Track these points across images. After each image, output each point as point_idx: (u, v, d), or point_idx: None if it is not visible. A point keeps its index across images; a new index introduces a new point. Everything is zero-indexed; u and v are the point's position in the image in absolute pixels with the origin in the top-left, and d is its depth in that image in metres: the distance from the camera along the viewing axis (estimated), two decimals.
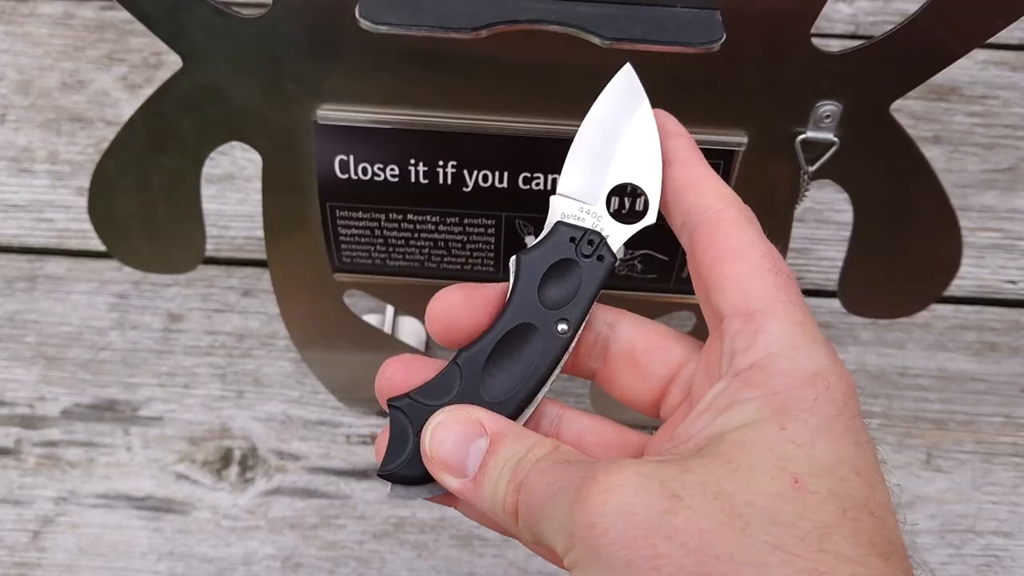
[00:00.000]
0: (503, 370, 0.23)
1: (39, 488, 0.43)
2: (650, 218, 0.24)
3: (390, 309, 0.46)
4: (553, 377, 0.23)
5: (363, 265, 0.36)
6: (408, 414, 0.23)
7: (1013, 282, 0.49)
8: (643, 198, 0.24)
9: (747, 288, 0.21)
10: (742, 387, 0.20)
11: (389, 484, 0.23)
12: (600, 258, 0.24)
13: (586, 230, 0.24)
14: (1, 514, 0.43)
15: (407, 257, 0.36)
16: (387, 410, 0.23)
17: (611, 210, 0.24)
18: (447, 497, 0.23)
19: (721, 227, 0.22)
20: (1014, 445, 0.45)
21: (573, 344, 0.23)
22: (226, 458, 0.44)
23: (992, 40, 0.56)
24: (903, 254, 0.35)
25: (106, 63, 0.53)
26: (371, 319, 0.45)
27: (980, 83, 0.54)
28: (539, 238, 0.24)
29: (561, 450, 0.21)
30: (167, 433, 0.44)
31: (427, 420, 0.22)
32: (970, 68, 0.54)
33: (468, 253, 0.36)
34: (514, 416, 0.23)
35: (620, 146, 0.25)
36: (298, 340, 0.41)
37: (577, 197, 0.24)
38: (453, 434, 0.22)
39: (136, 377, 0.46)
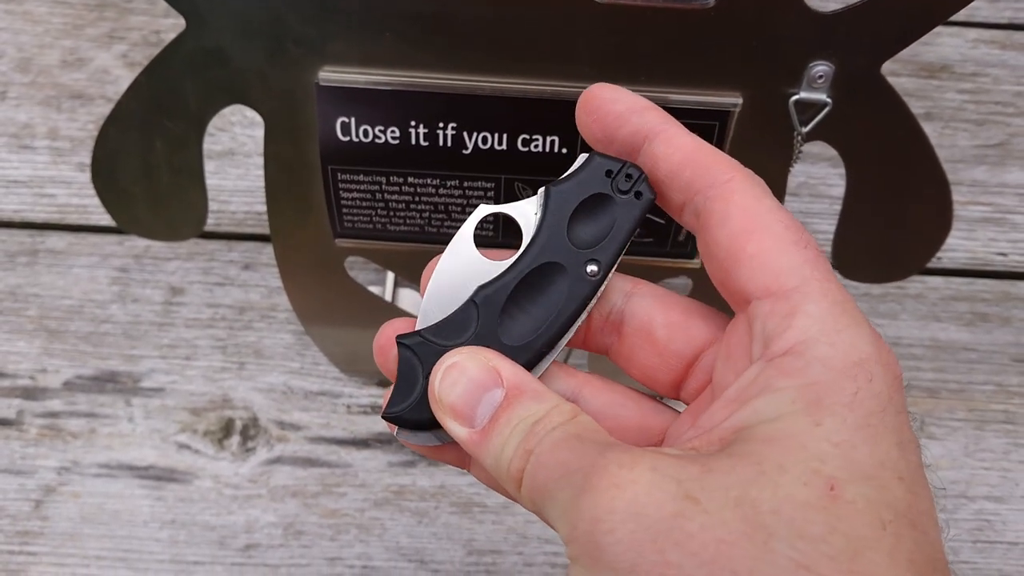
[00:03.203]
0: (524, 312, 0.21)
1: (41, 458, 0.44)
2: None
3: (390, 282, 0.47)
4: (577, 324, 0.22)
5: (364, 230, 0.37)
6: (418, 353, 0.21)
7: (1003, 254, 0.50)
8: None
9: (774, 265, 0.19)
10: (776, 375, 0.18)
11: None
12: (638, 195, 0.21)
13: (624, 163, 0.21)
14: (3, 484, 0.43)
15: (407, 222, 0.36)
16: (389, 374, 0.22)
17: None
18: (454, 450, 0.22)
19: (733, 199, 0.20)
20: (1005, 412, 0.46)
21: (602, 289, 0.21)
22: (227, 428, 0.44)
23: (982, 19, 0.57)
24: (895, 215, 0.36)
25: (106, 41, 0.53)
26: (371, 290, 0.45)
27: (971, 61, 0.55)
28: (571, 169, 0.22)
29: (580, 420, 0.19)
30: (168, 404, 0.45)
31: (439, 360, 0.21)
32: (961, 46, 0.55)
33: (467, 217, 0.36)
34: (532, 363, 0.21)
35: None
36: (300, 309, 0.42)
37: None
38: (466, 379, 0.20)
39: (137, 349, 0.46)
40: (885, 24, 0.30)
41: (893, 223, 0.36)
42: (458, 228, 0.37)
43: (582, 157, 0.22)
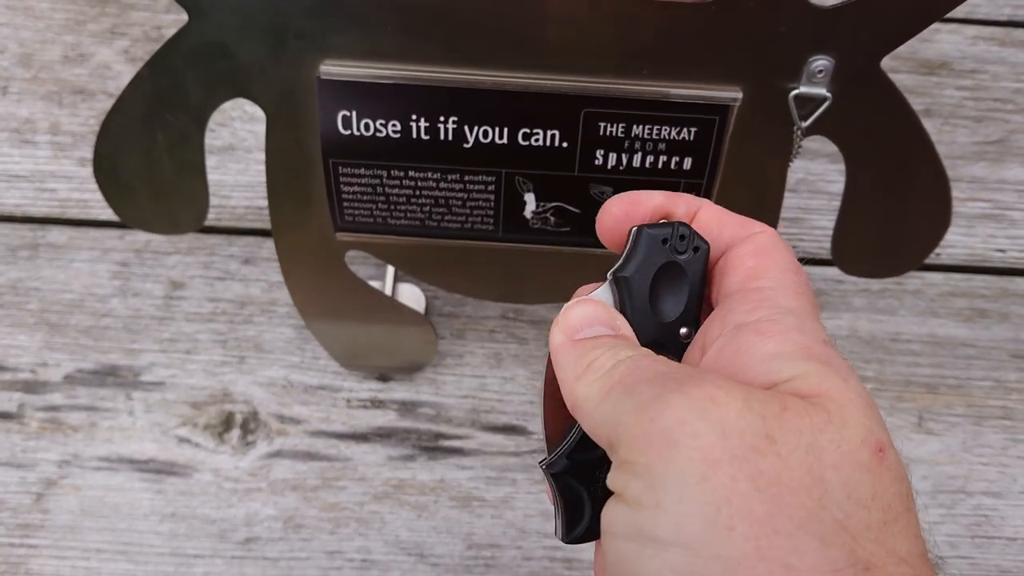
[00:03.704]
0: None
1: (42, 451, 0.44)
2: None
3: (390, 276, 0.47)
4: None
5: (365, 224, 0.37)
6: (576, 474, 0.22)
7: (1002, 251, 0.50)
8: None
9: (755, 265, 0.21)
10: (754, 337, 0.19)
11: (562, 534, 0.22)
12: (696, 249, 0.22)
13: (673, 225, 0.22)
14: (4, 477, 0.43)
15: (408, 215, 0.37)
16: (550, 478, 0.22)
17: None
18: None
19: (756, 238, 0.22)
20: (1003, 408, 0.46)
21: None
22: (227, 422, 0.45)
23: (982, 16, 0.57)
24: (895, 209, 0.36)
25: (108, 37, 0.53)
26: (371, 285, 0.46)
27: (970, 58, 0.55)
28: (627, 249, 0.22)
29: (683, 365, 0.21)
30: (169, 398, 0.45)
31: (595, 476, 0.21)
32: (960, 43, 0.55)
33: (468, 211, 0.36)
34: None
35: None
36: (300, 303, 0.42)
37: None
38: (592, 311, 0.21)
39: (138, 343, 0.46)
40: (885, 19, 0.31)
41: (892, 218, 0.37)
42: (458, 221, 0.37)
43: (632, 233, 0.22)
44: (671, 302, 0.22)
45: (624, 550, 0.18)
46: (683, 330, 0.22)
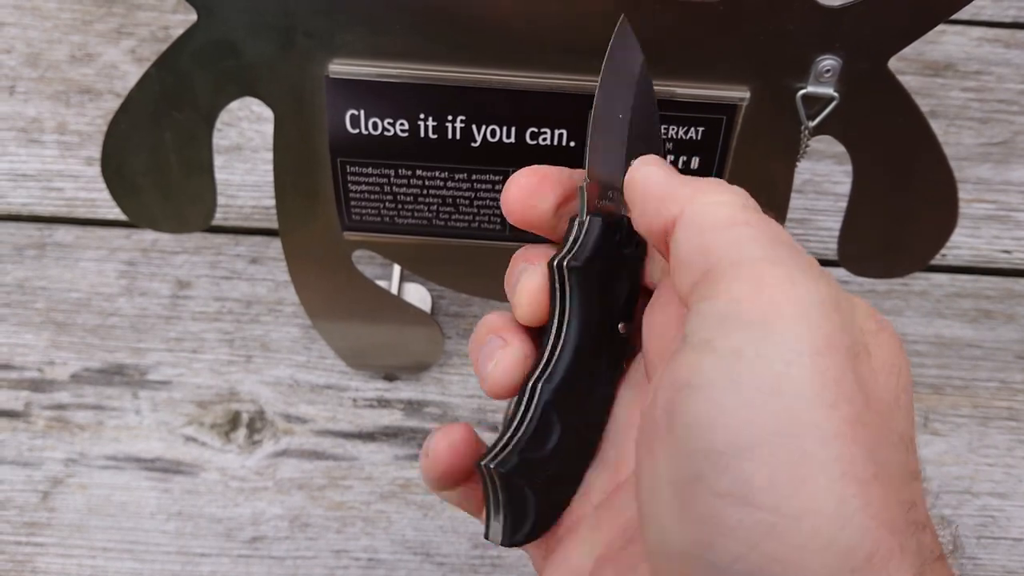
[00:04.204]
0: (586, 387, 0.22)
1: (48, 450, 0.44)
2: None
3: (396, 276, 0.47)
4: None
5: (372, 223, 0.37)
6: (519, 471, 0.21)
7: (1008, 252, 0.50)
8: None
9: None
10: (699, 236, 0.20)
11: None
12: (638, 244, 0.22)
13: (622, 217, 0.22)
14: (11, 475, 0.43)
15: (416, 215, 0.37)
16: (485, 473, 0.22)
17: None
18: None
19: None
20: (1009, 409, 0.46)
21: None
22: (234, 421, 0.45)
23: (987, 17, 0.57)
24: (901, 209, 0.36)
25: (115, 37, 0.53)
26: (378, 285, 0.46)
27: (975, 59, 0.55)
28: (577, 236, 0.22)
29: None
30: (175, 397, 0.45)
31: (539, 475, 0.21)
32: (965, 45, 0.55)
33: (475, 210, 0.36)
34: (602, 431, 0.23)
35: (630, 116, 0.24)
36: (307, 302, 0.42)
37: (607, 181, 0.23)
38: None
39: (145, 342, 0.46)
40: (892, 18, 0.31)
41: (899, 218, 0.37)
42: (466, 221, 0.37)
43: (576, 223, 0.23)
44: (613, 296, 0.22)
45: (712, 398, 0.17)
46: (620, 325, 0.22)
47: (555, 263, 0.22)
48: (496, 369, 0.22)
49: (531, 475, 0.21)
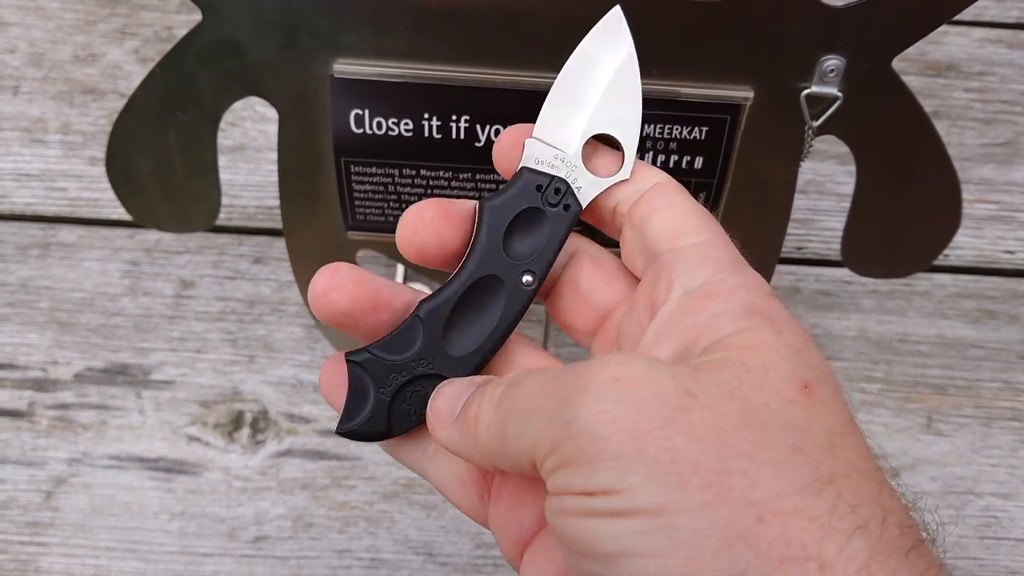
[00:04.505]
0: (467, 323, 0.22)
1: (52, 450, 0.44)
2: (624, 173, 0.23)
3: (399, 276, 0.47)
4: (515, 327, 0.23)
5: (376, 223, 0.37)
6: (368, 369, 0.22)
7: (1011, 252, 0.50)
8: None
9: (682, 224, 0.21)
10: (706, 300, 0.20)
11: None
12: (566, 207, 0.23)
13: (552, 177, 0.23)
14: (15, 475, 0.43)
15: None
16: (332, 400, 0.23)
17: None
18: (405, 453, 0.23)
19: (657, 192, 0.23)
20: (1012, 410, 0.46)
21: (535, 294, 0.23)
22: (237, 421, 0.45)
23: (990, 18, 0.57)
24: (904, 208, 0.36)
25: (118, 37, 0.53)
26: None
27: (978, 60, 0.55)
28: (507, 184, 0.23)
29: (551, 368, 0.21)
30: (179, 396, 0.45)
31: (389, 377, 0.22)
32: (968, 46, 0.55)
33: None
34: (478, 370, 0.23)
35: (600, 93, 0.24)
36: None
37: (552, 143, 0.23)
38: (452, 390, 0.21)
39: (148, 342, 0.46)
40: (896, 18, 0.31)
41: (902, 218, 0.37)
42: None
43: (517, 171, 0.23)
44: (524, 245, 0.23)
45: (584, 526, 0.18)
46: (527, 277, 0.23)
47: (479, 203, 0.23)
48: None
49: (378, 374, 0.22)
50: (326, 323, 0.23)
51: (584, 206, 0.23)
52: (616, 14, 0.24)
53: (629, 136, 0.23)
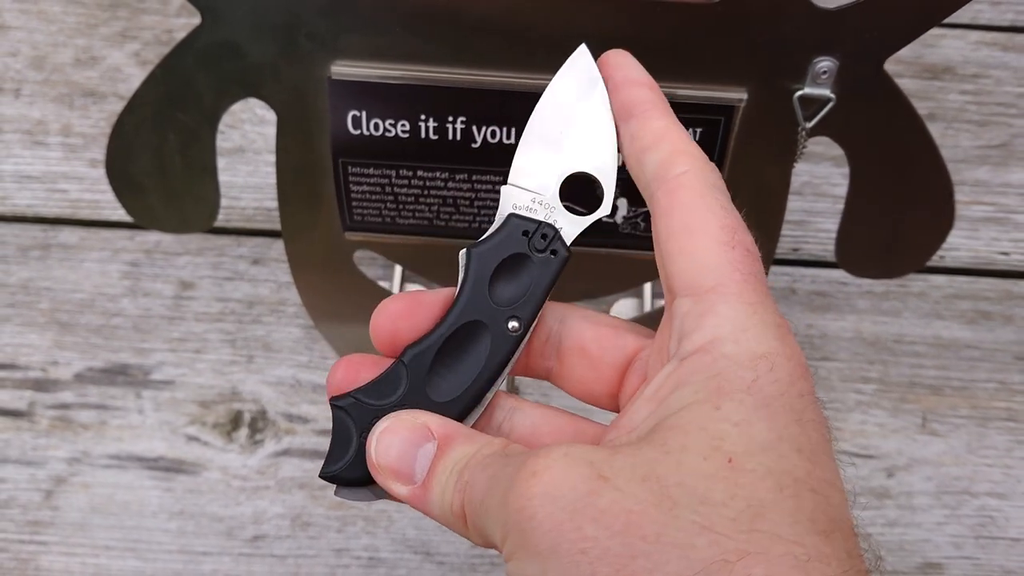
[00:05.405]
0: (451, 369, 0.22)
1: (52, 449, 0.44)
2: (604, 209, 0.23)
3: (397, 276, 0.47)
4: (503, 376, 0.23)
5: (373, 223, 0.37)
6: (351, 414, 0.22)
7: (1006, 253, 0.50)
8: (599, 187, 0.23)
9: (700, 264, 0.20)
10: (686, 372, 0.19)
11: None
12: (554, 253, 0.23)
13: (540, 223, 0.23)
14: (15, 474, 0.43)
15: (416, 215, 0.37)
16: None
17: (566, 199, 0.23)
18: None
19: (679, 194, 0.21)
20: (1007, 410, 0.46)
21: (524, 342, 0.23)
22: (236, 420, 0.45)
23: (985, 21, 0.57)
24: (898, 208, 0.36)
25: (119, 40, 0.54)
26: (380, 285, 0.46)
27: (973, 62, 0.55)
28: (491, 231, 0.23)
29: (509, 448, 0.20)
30: (178, 396, 0.45)
31: (372, 423, 0.22)
32: (963, 48, 0.56)
33: (476, 211, 0.37)
34: (461, 417, 0.22)
35: (573, 133, 0.23)
36: (309, 303, 0.42)
37: (529, 188, 0.23)
38: (400, 439, 0.21)
39: (148, 342, 0.47)
40: (888, 20, 0.31)
41: (896, 219, 0.37)
42: (466, 221, 0.37)
43: (501, 218, 0.23)
44: (509, 291, 0.22)
45: None
46: (512, 323, 0.22)
47: (467, 249, 0.23)
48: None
49: (362, 419, 0.22)
50: None
51: (571, 252, 0.23)
52: (582, 51, 0.24)
53: (606, 171, 0.23)
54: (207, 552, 0.42)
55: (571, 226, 0.23)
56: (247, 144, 0.51)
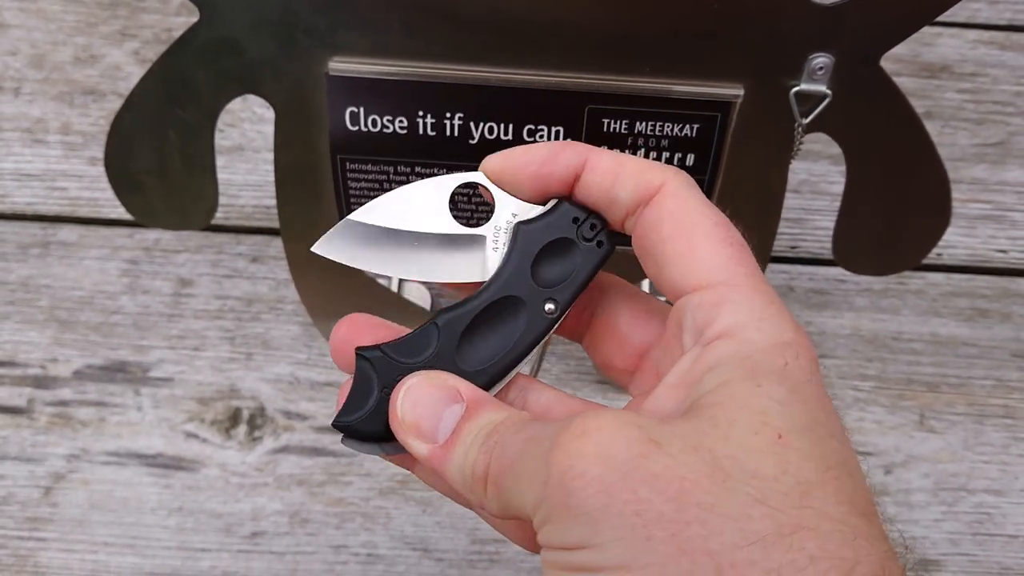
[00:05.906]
0: (483, 339, 0.22)
1: (51, 446, 0.44)
2: None
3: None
4: (532, 355, 0.23)
5: None
6: (376, 367, 0.22)
7: (1003, 251, 0.50)
8: None
9: (703, 262, 0.21)
10: (712, 357, 0.20)
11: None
12: (599, 244, 0.23)
13: (590, 212, 0.23)
14: (14, 471, 0.44)
15: None
16: (342, 367, 0.22)
17: None
18: (403, 458, 0.23)
19: (664, 203, 0.21)
20: (1004, 407, 0.46)
21: (556, 326, 0.23)
22: (235, 417, 0.45)
23: (982, 20, 0.58)
24: (894, 205, 0.36)
25: (118, 38, 0.54)
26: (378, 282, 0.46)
27: (970, 61, 0.55)
28: (543, 211, 0.23)
29: (537, 420, 0.21)
30: (177, 393, 0.45)
31: (396, 379, 0.22)
32: (960, 47, 0.56)
33: (474, 207, 0.37)
34: (486, 387, 0.22)
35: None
36: (307, 300, 0.42)
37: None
38: (428, 397, 0.21)
39: (147, 340, 0.47)
40: (884, 17, 0.31)
41: (892, 214, 0.37)
42: (463, 219, 0.37)
43: (552, 202, 0.23)
44: (551, 272, 0.23)
45: None
46: (549, 305, 0.22)
47: (515, 222, 0.23)
48: None
49: (386, 373, 0.22)
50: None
51: (613, 245, 0.23)
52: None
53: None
54: (205, 548, 0.42)
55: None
56: (246, 142, 0.51)
